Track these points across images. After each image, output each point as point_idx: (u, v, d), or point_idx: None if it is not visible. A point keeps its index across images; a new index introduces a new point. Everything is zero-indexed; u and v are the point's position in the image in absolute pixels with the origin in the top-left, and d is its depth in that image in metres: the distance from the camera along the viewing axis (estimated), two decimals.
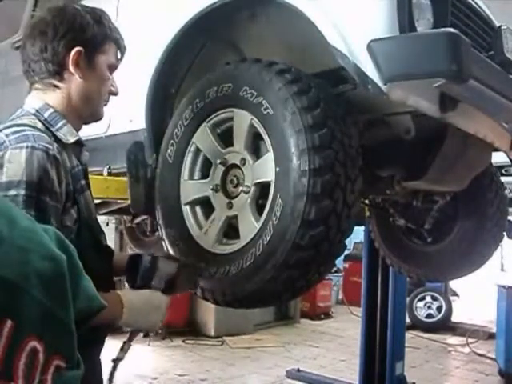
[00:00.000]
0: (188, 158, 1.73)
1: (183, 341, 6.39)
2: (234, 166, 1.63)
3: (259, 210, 1.55)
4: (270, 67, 1.54)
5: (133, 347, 1.38)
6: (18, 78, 2.92)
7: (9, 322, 0.52)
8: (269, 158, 1.50)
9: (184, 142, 1.73)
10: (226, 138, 1.67)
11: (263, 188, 1.54)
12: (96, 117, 1.43)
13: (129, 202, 2.02)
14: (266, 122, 1.50)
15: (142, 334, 6.60)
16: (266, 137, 1.51)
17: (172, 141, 1.75)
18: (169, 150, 1.76)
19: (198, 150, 1.72)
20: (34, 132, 1.22)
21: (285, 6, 1.55)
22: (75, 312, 0.60)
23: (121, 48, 1.42)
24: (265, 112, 1.50)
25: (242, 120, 1.58)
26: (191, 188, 1.72)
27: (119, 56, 1.43)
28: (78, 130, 1.38)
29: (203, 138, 1.70)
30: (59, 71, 1.33)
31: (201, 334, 6.83)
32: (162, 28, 1.85)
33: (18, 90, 2.89)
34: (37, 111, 1.31)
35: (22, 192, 1.14)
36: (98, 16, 1.37)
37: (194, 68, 1.96)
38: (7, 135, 1.19)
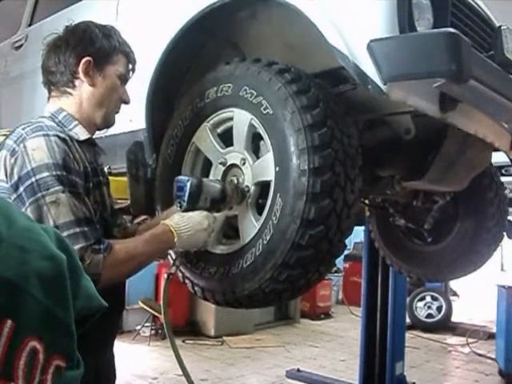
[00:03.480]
0: (188, 158, 1.73)
1: (183, 341, 6.38)
2: (234, 165, 1.63)
3: (259, 209, 1.55)
4: (270, 67, 1.54)
5: (133, 346, 1.41)
6: (17, 78, 2.93)
7: (9, 322, 0.52)
8: (269, 158, 1.50)
9: (184, 142, 1.73)
10: (226, 138, 1.67)
11: (263, 188, 1.54)
12: (108, 122, 1.55)
13: (129, 202, 2.02)
14: (266, 121, 1.50)
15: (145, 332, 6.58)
16: (265, 136, 1.51)
17: (172, 141, 1.76)
18: (169, 150, 1.76)
19: (197, 150, 1.72)
20: (47, 123, 1.38)
21: (285, 5, 1.55)
22: (75, 312, 0.59)
23: (131, 60, 1.55)
24: (264, 112, 1.50)
25: (242, 120, 1.58)
26: None
27: (130, 67, 1.55)
28: (91, 134, 1.51)
29: (203, 138, 1.70)
30: (71, 79, 1.47)
31: (201, 334, 6.83)
32: (162, 28, 1.85)
33: (18, 89, 2.90)
34: (52, 114, 1.46)
35: (53, 173, 1.28)
36: (108, 30, 1.51)
37: (193, 68, 1.96)
38: (23, 128, 1.35)
